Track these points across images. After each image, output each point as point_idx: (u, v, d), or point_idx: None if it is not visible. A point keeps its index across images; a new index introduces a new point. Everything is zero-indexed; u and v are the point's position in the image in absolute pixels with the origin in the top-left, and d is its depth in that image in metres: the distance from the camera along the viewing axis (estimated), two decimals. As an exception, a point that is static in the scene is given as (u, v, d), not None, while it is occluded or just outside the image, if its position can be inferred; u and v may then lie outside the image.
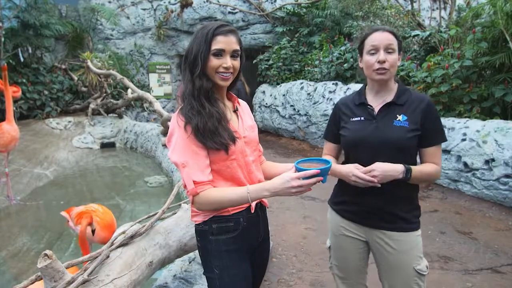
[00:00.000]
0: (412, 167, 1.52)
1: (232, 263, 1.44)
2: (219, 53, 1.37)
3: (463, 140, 4.40)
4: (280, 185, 1.28)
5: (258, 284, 1.69)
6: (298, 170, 1.29)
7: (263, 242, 1.60)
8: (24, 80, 7.61)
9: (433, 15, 8.92)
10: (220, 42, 1.37)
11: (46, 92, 7.86)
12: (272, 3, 10.37)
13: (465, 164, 4.38)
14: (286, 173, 1.30)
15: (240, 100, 1.60)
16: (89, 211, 2.77)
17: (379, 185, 1.51)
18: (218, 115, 1.36)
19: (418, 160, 1.65)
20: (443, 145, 4.52)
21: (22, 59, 7.62)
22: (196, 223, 1.48)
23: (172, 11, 10.19)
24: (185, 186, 1.39)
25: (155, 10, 10.40)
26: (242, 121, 1.51)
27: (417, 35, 6.33)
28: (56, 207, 4.48)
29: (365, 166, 1.56)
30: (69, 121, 7.77)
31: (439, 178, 1.64)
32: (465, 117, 4.75)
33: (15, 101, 7.05)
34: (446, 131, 4.62)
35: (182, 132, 1.35)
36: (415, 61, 5.93)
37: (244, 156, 1.45)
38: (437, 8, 8.90)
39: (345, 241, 1.74)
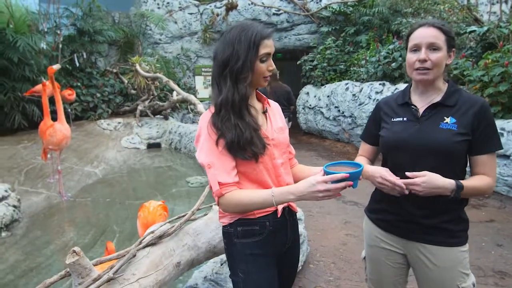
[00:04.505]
0: (464, 184, 1.34)
1: (257, 268, 1.38)
2: (266, 58, 1.33)
3: (526, 144, 4.00)
4: (306, 188, 1.20)
5: (286, 292, 1.61)
6: (327, 173, 1.20)
7: (292, 248, 1.52)
8: (79, 84, 8.09)
9: (492, 10, 8.27)
10: (268, 46, 1.32)
11: (98, 95, 8.30)
12: (317, 2, 10.19)
13: (528, 171, 3.98)
14: (312, 176, 1.22)
15: (270, 101, 1.54)
16: (143, 205, 2.87)
17: (407, 192, 1.36)
18: (254, 125, 1.32)
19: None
20: (502, 149, 4.17)
21: (77, 64, 8.11)
22: (223, 224, 1.45)
23: (217, 15, 10.37)
24: (211, 187, 1.36)
25: (201, 14, 10.64)
26: (271, 123, 1.45)
27: (473, 31, 5.88)
28: (103, 204, 4.68)
29: (404, 172, 1.41)
30: (119, 122, 8.13)
31: (490, 193, 1.46)
32: (528, 119, 4.33)
33: (71, 103, 7.53)
34: (505, 134, 4.22)
35: (211, 137, 1.31)
36: (471, 59, 5.51)
37: (272, 159, 1.39)
38: (497, 2, 8.24)
39: (380, 254, 1.60)
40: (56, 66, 4.76)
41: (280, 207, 1.40)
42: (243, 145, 1.28)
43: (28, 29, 6.97)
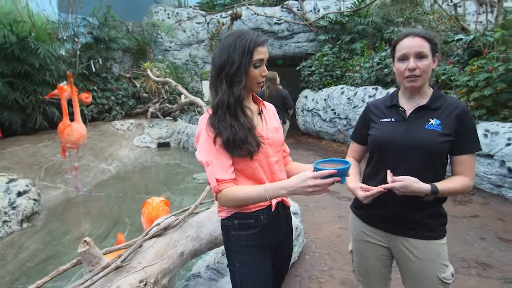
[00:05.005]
0: (440, 187, 1.35)
1: (252, 259, 1.39)
2: (260, 64, 1.33)
3: (508, 145, 3.97)
4: (297, 184, 1.20)
5: (280, 281, 1.61)
6: (316, 170, 1.20)
7: (285, 241, 1.52)
8: (95, 88, 8.12)
9: (479, 19, 8.22)
10: (261, 53, 1.32)
11: (113, 98, 8.32)
12: (315, 13, 10.18)
13: (510, 170, 3.96)
14: (303, 172, 1.22)
15: (265, 103, 1.54)
16: (146, 201, 2.86)
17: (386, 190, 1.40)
18: (249, 125, 1.32)
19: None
20: (486, 149, 4.15)
21: (94, 70, 8.13)
22: (221, 218, 1.46)
23: (223, 24, 10.37)
24: (209, 183, 1.36)
25: (208, 23, 10.64)
26: (266, 123, 1.45)
27: (461, 39, 5.85)
28: (116, 198, 4.70)
29: (389, 169, 1.42)
30: (131, 123, 8.15)
31: (468, 192, 1.46)
32: (510, 121, 4.28)
33: (87, 105, 7.56)
34: (489, 135, 4.20)
35: (209, 135, 1.32)
36: (458, 65, 5.47)
37: (267, 157, 1.39)
38: (483, 12, 8.19)
39: (366, 247, 1.59)
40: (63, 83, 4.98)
41: (274, 202, 1.41)
42: (238, 143, 1.28)
43: (48, 37, 7.00)
